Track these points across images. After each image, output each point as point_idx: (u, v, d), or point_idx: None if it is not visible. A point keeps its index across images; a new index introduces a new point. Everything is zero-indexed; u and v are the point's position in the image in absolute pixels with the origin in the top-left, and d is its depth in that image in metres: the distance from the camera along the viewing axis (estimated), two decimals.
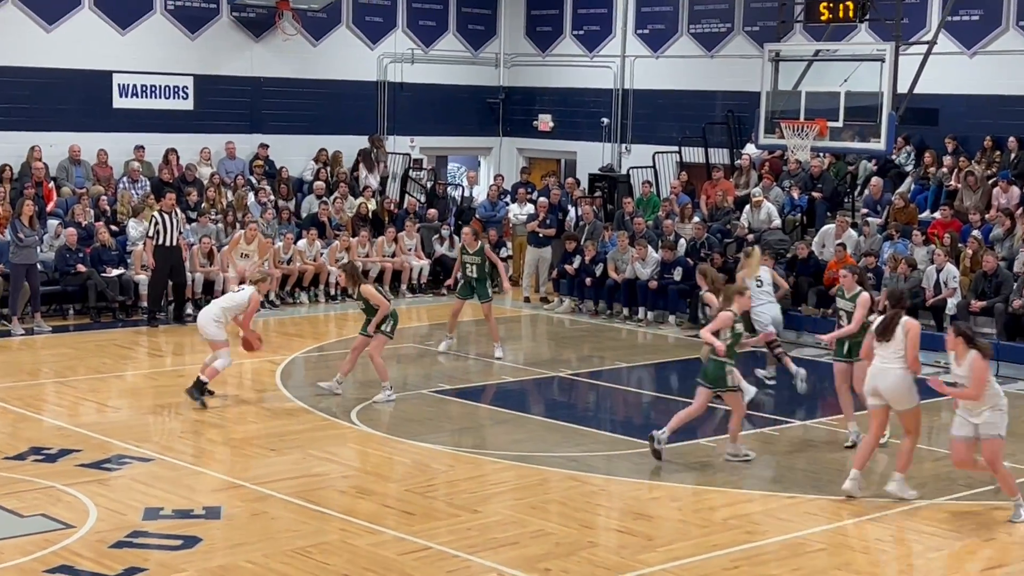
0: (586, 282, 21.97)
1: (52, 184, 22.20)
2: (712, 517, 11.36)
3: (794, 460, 13.38)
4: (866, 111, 19.61)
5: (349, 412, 14.72)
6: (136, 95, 24.00)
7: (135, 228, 21.40)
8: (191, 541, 10.29)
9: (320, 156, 25.35)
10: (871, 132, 19.62)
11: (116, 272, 20.44)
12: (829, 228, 21.14)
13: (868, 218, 21.61)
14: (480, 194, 26.65)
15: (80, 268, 20.10)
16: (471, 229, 18.31)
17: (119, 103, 23.89)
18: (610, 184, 25.77)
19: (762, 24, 24.44)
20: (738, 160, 24.42)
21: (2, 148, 22.13)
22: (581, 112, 27.42)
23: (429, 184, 26.26)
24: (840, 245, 20.23)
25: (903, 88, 19.86)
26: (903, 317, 11.87)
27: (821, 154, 22.37)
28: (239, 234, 21.05)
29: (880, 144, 19.73)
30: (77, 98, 23.38)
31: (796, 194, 22.63)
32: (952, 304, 18.77)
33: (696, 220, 22.41)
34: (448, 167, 29.61)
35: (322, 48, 26.15)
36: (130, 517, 10.82)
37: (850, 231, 20.84)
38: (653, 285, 21.08)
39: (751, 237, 21.34)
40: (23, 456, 12.63)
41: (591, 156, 27.15)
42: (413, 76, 27.20)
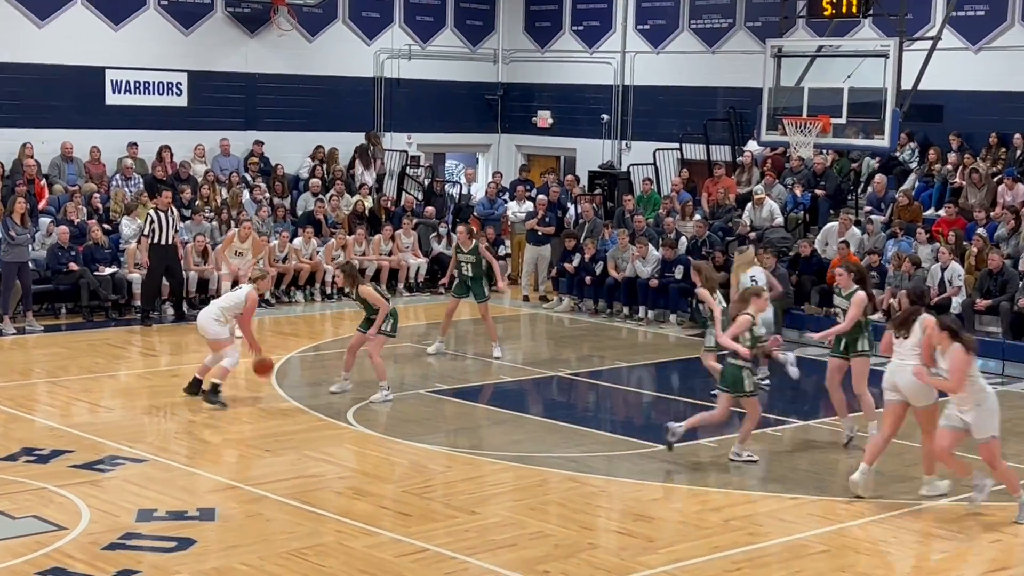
0: (586, 281, 21.95)
1: (44, 181, 22.16)
2: (713, 518, 11.34)
3: (796, 461, 13.36)
4: (870, 107, 19.65)
5: (345, 412, 14.73)
6: (129, 91, 23.91)
7: (128, 226, 21.37)
8: (185, 543, 10.28)
9: (317, 153, 25.35)
10: (875, 129, 19.68)
11: (109, 271, 20.39)
12: (832, 226, 21.13)
13: (872, 216, 21.66)
14: (478, 192, 26.61)
15: (72, 267, 20.06)
16: (466, 228, 18.28)
17: (112, 99, 23.78)
18: (610, 181, 25.80)
19: (764, 19, 24.41)
20: (740, 157, 24.43)
21: None
22: (581, 108, 27.39)
23: (426, 182, 26.25)
24: (843, 243, 20.21)
25: (907, 84, 19.93)
26: (922, 314, 11.84)
27: (824, 151, 22.40)
28: (233, 232, 21.00)
29: (884, 141, 19.80)
30: (69, 94, 23.28)
31: (799, 191, 22.61)
32: (957, 303, 18.74)
33: (697, 218, 22.39)
34: (446, 164, 29.64)
35: (318, 44, 26.10)
36: (123, 519, 10.80)
37: (853, 229, 20.84)
38: (654, 284, 21.07)
39: (753, 235, 21.41)
40: (15, 457, 12.57)
41: (591, 153, 27.15)
42: (410, 72, 27.14)
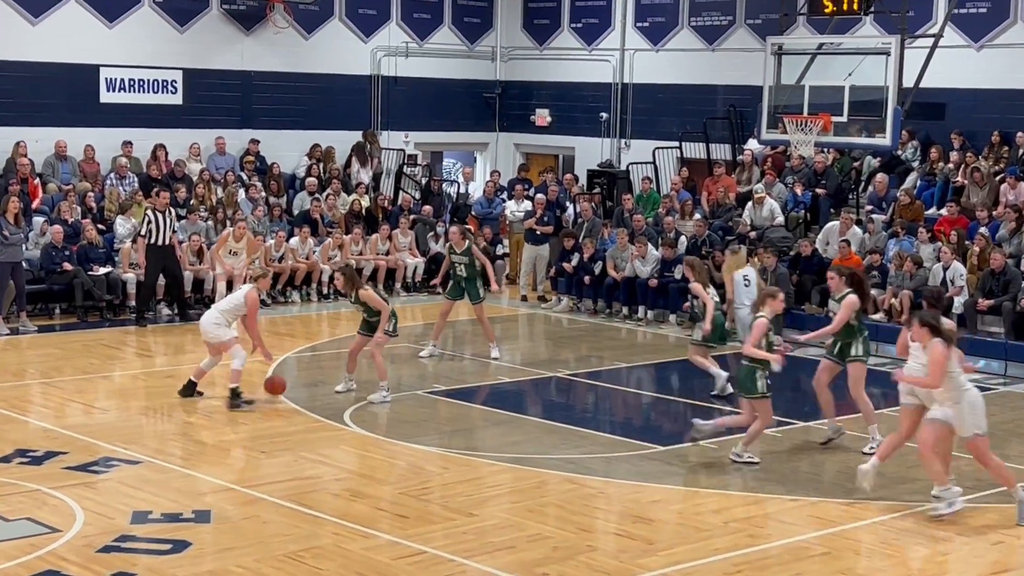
0: (584, 280, 21.91)
1: (38, 180, 22.10)
2: (713, 520, 11.31)
3: (797, 462, 13.36)
4: (871, 106, 19.64)
5: (342, 414, 14.71)
6: (124, 89, 23.83)
7: (123, 225, 21.36)
8: (180, 545, 10.26)
9: (314, 152, 25.28)
10: (876, 127, 19.67)
11: (103, 270, 20.37)
12: (833, 225, 21.13)
13: (873, 215, 21.66)
14: (476, 191, 26.59)
15: (66, 266, 20.02)
16: (459, 228, 18.32)
17: (106, 97, 23.71)
18: (609, 180, 25.77)
19: (764, 17, 24.35)
20: (740, 156, 24.41)
21: None
22: (579, 107, 27.35)
23: (424, 180, 26.20)
24: (844, 242, 20.22)
25: (909, 82, 19.88)
26: (940, 318, 11.85)
27: (825, 149, 22.40)
28: (228, 231, 20.92)
29: (885, 139, 19.77)
30: (63, 92, 23.21)
31: (799, 190, 22.59)
32: (959, 303, 18.66)
33: (697, 217, 22.38)
34: (443, 163, 29.61)
35: (314, 41, 26.03)
36: (118, 521, 10.76)
37: (855, 228, 20.84)
38: (653, 283, 21.04)
39: (753, 235, 21.43)
40: (8, 459, 12.53)
41: (590, 152, 27.11)
42: (407, 70, 27.06)
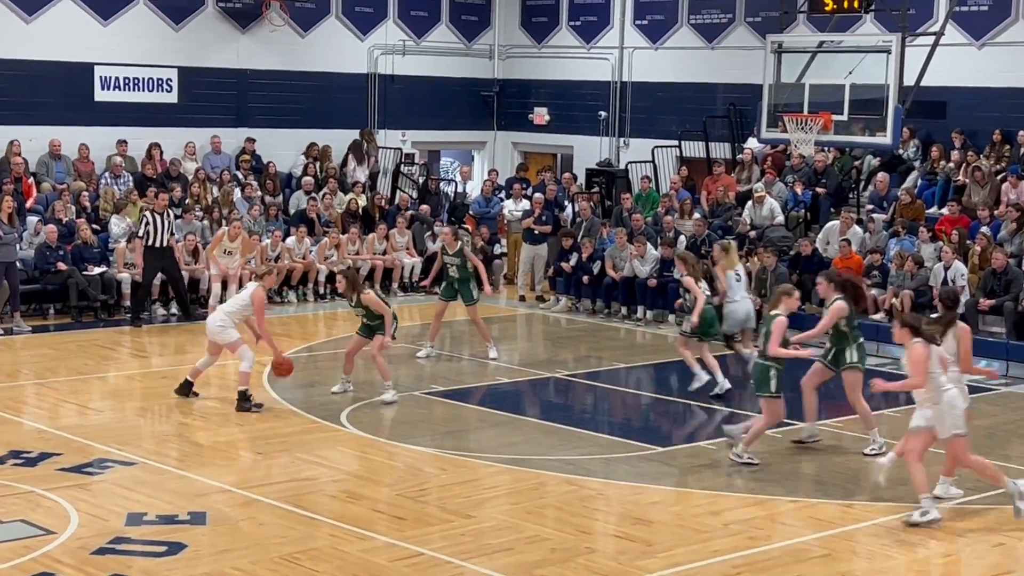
0: (583, 280, 21.85)
1: (32, 180, 22.07)
2: (713, 522, 11.27)
3: (797, 463, 13.33)
4: (872, 104, 19.59)
5: (339, 415, 14.65)
6: (119, 88, 23.77)
7: (117, 225, 21.31)
8: (176, 547, 10.22)
9: (311, 151, 25.20)
10: (877, 126, 19.61)
11: (98, 270, 20.28)
12: (833, 224, 21.11)
13: (873, 214, 21.64)
14: (474, 190, 26.55)
15: (61, 266, 19.94)
16: (451, 229, 18.32)
17: (101, 96, 23.65)
18: (608, 179, 25.72)
19: (764, 15, 24.30)
20: (740, 155, 24.35)
21: None
22: (578, 105, 27.30)
23: (421, 180, 26.14)
24: (845, 241, 20.21)
25: (910, 80, 19.82)
26: (957, 321, 11.91)
27: (825, 148, 22.35)
28: (222, 231, 20.83)
29: (886, 138, 19.71)
30: (58, 91, 23.15)
31: (799, 189, 22.53)
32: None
33: (696, 216, 22.31)
34: (441, 162, 29.56)
35: (310, 39, 25.97)
36: (112, 523, 10.72)
37: (855, 228, 20.83)
38: (652, 283, 20.98)
39: (753, 234, 21.43)
40: (2, 460, 12.48)
41: (588, 150, 27.07)
42: (404, 68, 27.02)
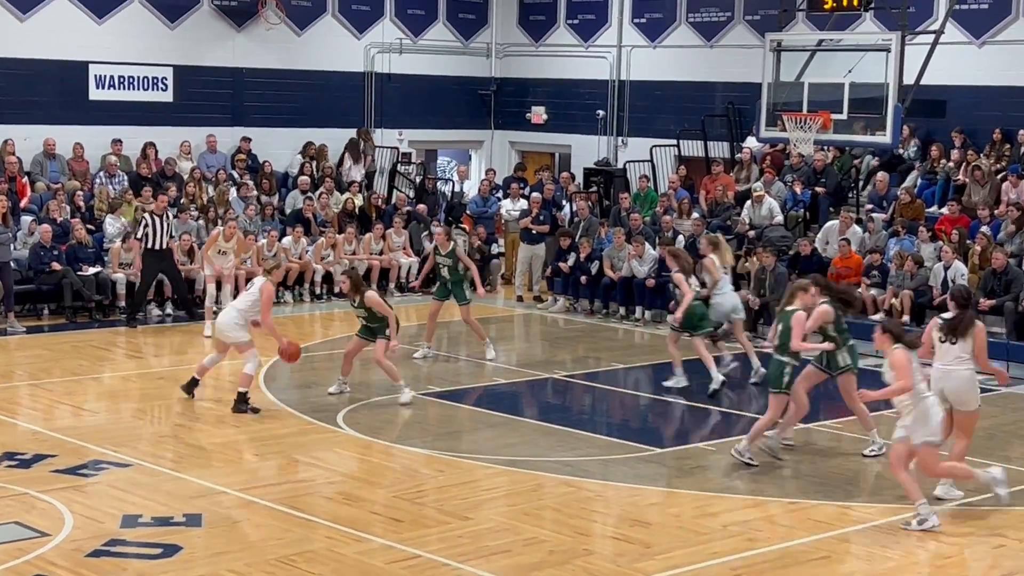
0: (581, 280, 21.80)
1: (26, 179, 21.97)
2: (711, 524, 11.22)
3: (796, 465, 13.21)
4: (871, 103, 19.52)
5: (335, 416, 14.59)
6: (113, 86, 23.69)
7: (112, 224, 21.25)
8: (171, 550, 10.17)
9: (308, 150, 25.14)
10: (876, 125, 19.54)
11: (93, 270, 20.24)
12: (833, 224, 21.09)
13: (873, 214, 21.60)
14: (471, 189, 26.49)
15: (55, 266, 19.88)
16: (444, 229, 18.35)
17: (95, 95, 23.57)
18: (606, 179, 25.65)
19: (763, 13, 24.26)
20: (739, 154, 24.28)
21: None
22: (576, 104, 27.24)
23: (418, 179, 26.07)
24: (844, 241, 20.18)
25: (909, 79, 19.75)
26: (974, 320, 11.94)
27: (825, 147, 22.31)
28: (217, 231, 20.68)
29: (886, 137, 19.65)
30: (52, 90, 23.08)
31: (799, 189, 22.48)
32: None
33: (695, 216, 22.26)
34: (438, 161, 29.51)
35: (307, 38, 25.89)
36: (107, 525, 10.68)
37: (854, 227, 20.81)
38: (651, 283, 20.91)
39: (752, 234, 21.40)
40: None
41: (586, 150, 27.01)
42: (401, 67, 26.94)
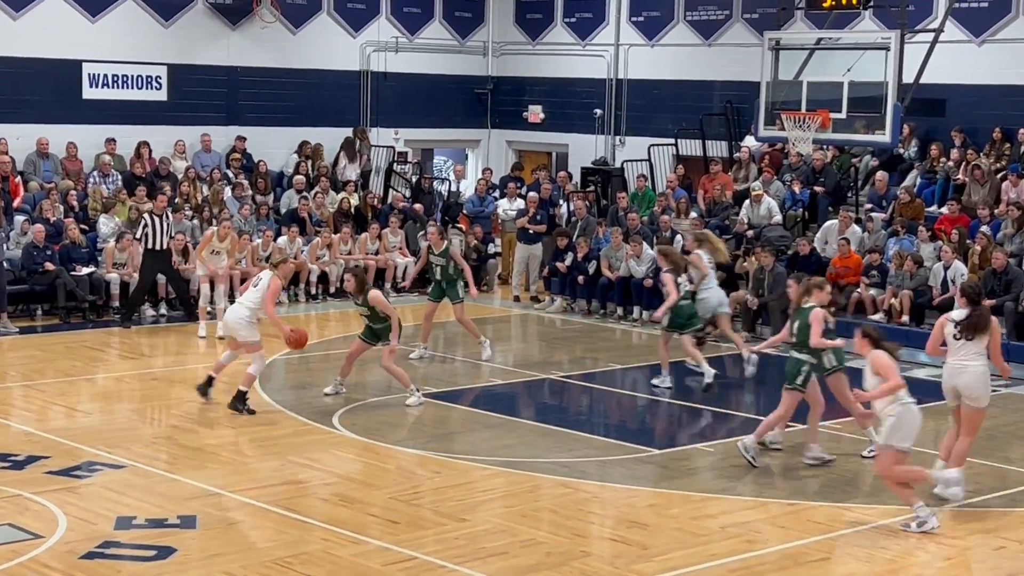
0: (578, 280, 21.74)
1: (19, 179, 21.87)
2: (710, 525, 11.18)
3: (795, 466, 13.15)
4: (870, 102, 19.48)
5: (331, 417, 14.54)
6: (107, 85, 23.59)
7: (106, 224, 21.19)
8: (165, 552, 10.12)
9: (303, 149, 25.05)
10: (875, 124, 19.49)
11: (86, 270, 20.13)
12: (832, 224, 21.06)
13: (872, 213, 21.56)
14: (468, 189, 26.45)
15: (48, 266, 19.79)
16: (437, 228, 18.17)
17: (89, 94, 23.48)
18: (603, 178, 25.58)
19: (762, 11, 24.20)
20: (737, 153, 24.24)
21: None
22: (573, 103, 27.19)
23: (414, 178, 25.99)
24: (843, 241, 20.14)
25: (909, 78, 19.70)
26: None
27: (823, 147, 22.26)
28: (211, 231, 20.55)
29: (885, 136, 19.59)
30: (45, 88, 22.96)
31: (797, 188, 22.43)
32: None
33: (693, 215, 22.25)
34: (434, 160, 29.46)
35: (302, 36, 25.81)
36: (101, 527, 10.63)
37: (854, 227, 20.77)
38: (648, 283, 20.83)
39: (751, 233, 21.36)
40: None
41: (584, 149, 26.95)
42: (397, 66, 26.84)
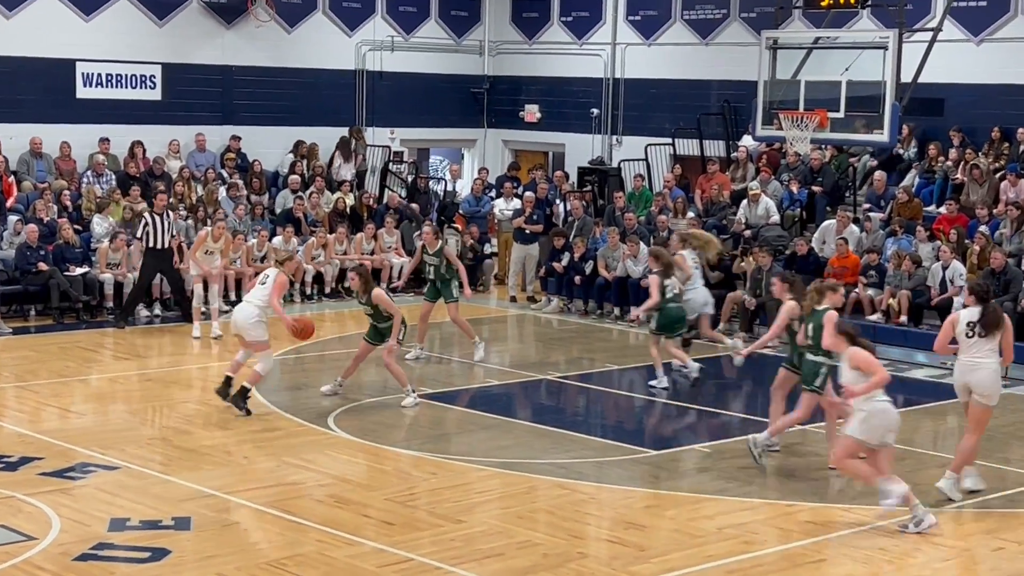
0: (575, 280, 21.70)
1: (12, 178, 21.80)
2: (707, 526, 11.16)
3: (794, 467, 13.13)
4: (868, 101, 19.48)
5: (326, 417, 14.50)
6: (101, 84, 23.52)
7: (100, 224, 21.14)
8: (159, 553, 10.09)
9: (298, 149, 25.01)
10: (874, 123, 19.48)
11: (80, 271, 20.10)
12: (830, 224, 21.00)
13: (870, 213, 21.52)
14: (464, 189, 26.39)
15: (42, 267, 19.72)
16: (432, 228, 18.09)
17: (83, 93, 23.41)
18: (600, 178, 25.54)
19: (759, 10, 24.17)
20: (734, 153, 24.21)
21: None
22: (570, 102, 27.17)
23: (410, 178, 25.90)
24: (841, 241, 20.08)
25: (907, 77, 19.69)
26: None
27: (821, 146, 22.20)
28: (205, 231, 20.48)
29: (883, 136, 19.58)
30: (38, 88, 22.91)
31: (795, 188, 22.37)
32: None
33: (690, 215, 22.20)
34: (430, 160, 29.42)
35: (297, 35, 25.75)
36: (95, 528, 10.62)
37: (852, 227, 20.71)
38: (645, 284, 20.43)
39: (748, 233, 21.29)
40: None
41: (580, 148, 26.90)
42: (393, 65, 26.79)
